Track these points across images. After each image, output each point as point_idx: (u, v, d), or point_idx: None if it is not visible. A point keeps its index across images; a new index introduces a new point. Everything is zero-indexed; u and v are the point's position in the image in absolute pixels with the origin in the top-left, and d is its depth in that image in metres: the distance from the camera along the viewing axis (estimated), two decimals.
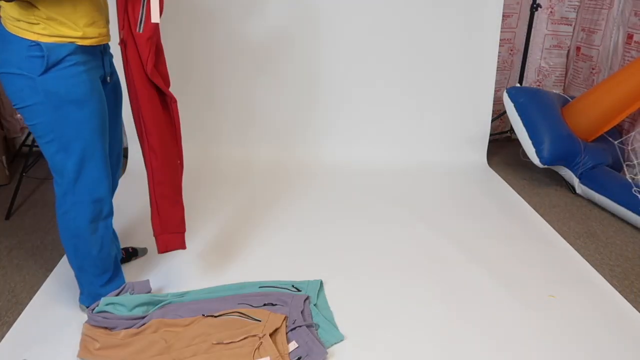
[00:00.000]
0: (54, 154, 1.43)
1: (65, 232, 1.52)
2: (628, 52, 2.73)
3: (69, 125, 1.38)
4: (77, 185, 1.46)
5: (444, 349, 1.49)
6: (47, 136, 1.40)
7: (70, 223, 1.50)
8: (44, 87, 1.32)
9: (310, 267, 1.89)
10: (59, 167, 1.45)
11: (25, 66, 1.30)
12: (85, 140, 1.42)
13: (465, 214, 2.32)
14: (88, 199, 1.48)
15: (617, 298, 1.74)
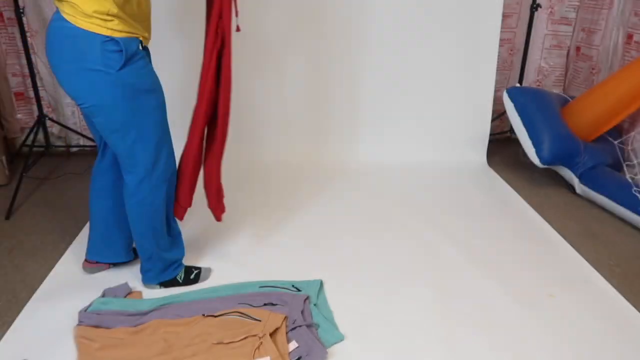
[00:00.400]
0: (132, 145, 1.48)
1: (142, 217, 1.60)
2: (628, 52, 2.73)
3: (145, 114, 1.46)
4: (154, 171, 1.54)
5: (443, 348, 1.49)
6: (124, 129, 1.45)
7: (149, 208, 1.58)
8: (122, 81, 1.37)
9: (310, 267, 1.89)
10: (137, 157, 1.51)
11: (104, 61, 1.33)
12: (159, 126, 1.52)
13: (465, 213, 2.32)
14: (163, 180, 1.58)
15: (617, 298, 1.74)
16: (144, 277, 1.76)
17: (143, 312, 1.59)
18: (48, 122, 2.95)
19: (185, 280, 1.79)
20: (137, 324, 1.54)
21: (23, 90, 3.01)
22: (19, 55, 2.90)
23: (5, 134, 3.00)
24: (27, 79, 2.93)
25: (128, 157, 1.51)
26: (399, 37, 2.75)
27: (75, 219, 2.30)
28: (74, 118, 3.04)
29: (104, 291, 1.71)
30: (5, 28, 2.84)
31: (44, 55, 2.89)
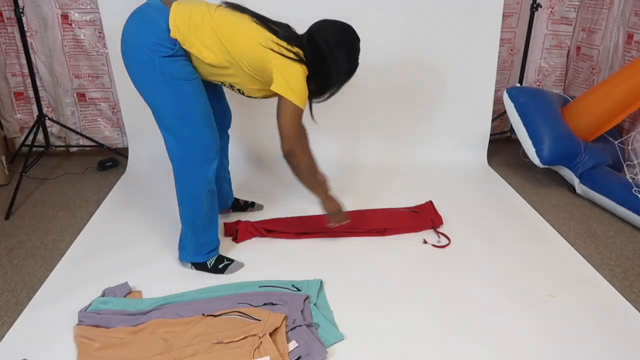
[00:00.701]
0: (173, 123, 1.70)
1: (184, 194, 1.77)
2: (628, 52, 2.73)
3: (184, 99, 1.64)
4: (194, 149, 1.70)
5: (443, 348, 1.49)
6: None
7: (189, 184, 1.75)
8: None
9: (310, 266, 1.89)
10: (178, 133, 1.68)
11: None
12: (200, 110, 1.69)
13: (465, 213, 2.32)
14: (204, 160, 1.72)
15: (617, 298, 1.74)
16: (180, 254, 1.89)
17: (143, 312, 1.59)
18: (48, 122, 2.95)
19: (213, 268, 1.85)
20: (136, 323, 1.54)
21: (23, 90, 3.01)
22: (19, 55, 2.90)
23: (5, 134, 3.00)
24: (27, 79, 2.93)
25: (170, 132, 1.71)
26: (399, 37, 2.75)
27: (75, 219, 2.29)
28: (73, 118, 3.05)
29: (103, 291, 1.71)
30: (4, 28, 2.83)
31: (43, 54, 2.89)
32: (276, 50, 1.62)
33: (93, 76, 2.96)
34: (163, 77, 1.59)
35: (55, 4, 2.76)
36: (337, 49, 1.71)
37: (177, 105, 1.64)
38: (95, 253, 1.99)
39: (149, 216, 2.27)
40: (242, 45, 1.62)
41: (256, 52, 1.62)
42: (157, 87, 1.62)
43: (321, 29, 1.72)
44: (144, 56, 1.57)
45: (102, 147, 2.99)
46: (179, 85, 1.61)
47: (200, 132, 1.69)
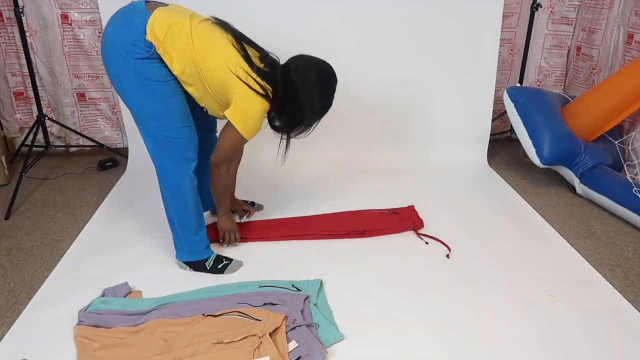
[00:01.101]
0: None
1: (168, 193, 1.78)
2: (628, 51, 2.73)
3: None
4: (172, 152, 1.72)
5: (443, 348, 1.49)
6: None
7: (172, 186, 1.76)
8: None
9: (310, 266, 1.89)
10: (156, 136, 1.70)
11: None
12: (176, 110, 1.69)
13: (465, 213, 2.32)
14: (181, 159, 1.73)
15: (617, 298, 1.74)
16: (176, 253, 1.89)
17: (142, 312, 1.59)
18: (47, 122, 2.95)
19: (212, 269, 1.86)
20: (136, 323, 1.54)
21: (22, 90, 3.01)
22: (19, 55, 2.90)
23: (5, 134, 3.00)
24: (27, 79, 2.93)
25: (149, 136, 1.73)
26: (399, 36, 2.75)
27: (75, 219, 2.29)
28: (73, 118, 3.05)
29: (103, 291, 1.71)
30: (4, 27, 2.83)
31: (43, 54, 2.89)
32: (242, 78, 1.62)
33: (93, 76, 2.96)
34: (138, 78, 1.60)
35: (55, 4, 2.76)
36: (312, 87, 1.70)
37: (152, 106, 1.64)
38: (95, 253, 1.99)
39: (148, 216, 2.27)
40: (210, 64, 1.62)
41: (221, 74, 1.62)
42: (133, 88, 1.62)
43: (299, 64, 1.71)
44: (120, 57, 1.58)
45: (102, 147, 2.99)
46: (153, 87, 1.62)
47: (177, 133, 1.69)
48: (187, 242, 1.85)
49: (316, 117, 1.78)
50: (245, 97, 1.64)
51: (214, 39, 1.64)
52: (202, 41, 1.62)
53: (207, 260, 1.86)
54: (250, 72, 1.63)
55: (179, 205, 1.79)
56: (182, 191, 1.77)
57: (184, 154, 1.73)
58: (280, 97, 1.70)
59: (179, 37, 1.59)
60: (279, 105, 1.71)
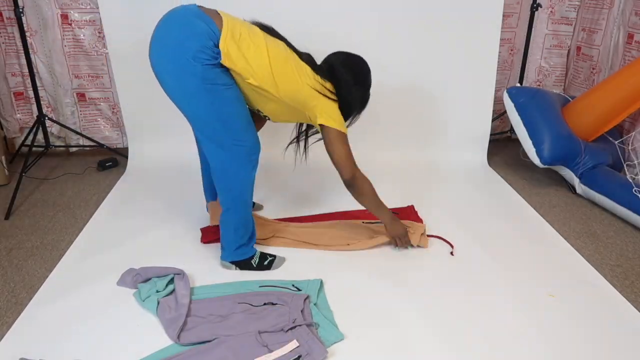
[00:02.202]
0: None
1: (231, 196, 1.76)
2: (628, 51, 2.73)
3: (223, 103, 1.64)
4: (239, 150, 1.70)
5: (443, 348, 1.49)
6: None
7: (236, 184, 1.75)
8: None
9: (311, 266, 1.89)
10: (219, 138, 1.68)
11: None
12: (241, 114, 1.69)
13: (465, 213, 2.32)
14: (248, 160, 1.73)
15: (618, 298, 1.74)
16: (222, 254, 1.89)
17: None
18: (47, 122, 2.95)
19: (259, 265, 1.87)
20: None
21: (22, 90, 3.01)
22: (19, 55, 2.90)
23: (5, 134, 3.00)
24: (27, 79, 2.94)
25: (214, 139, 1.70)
26: (399, 36, 2.75)
27: (75, 219, 2.29)
28: (73, 118, 3.05)
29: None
30: (4, 27, 2.83)
31: (43, 54, 2.89)
32: (319, 90, 1.72)
33: (93, 76, 2.96)
34: (204, 84, 1.56)
35: (55, 4, 2.76)
36: (354, 86, 1.83)
37: (219, 110, 1.61)
38: (95, 253, 1.99)
39: (149, 216, 2.27)
40: (291, 82, 1.68)
41: (303, 91, 1.70)
42: (197, 95, 1.58)
43: (340, 65, 1.82)
44: (186, 63, 1.53)
45: (102, 147, 2.99)
46: (219, 91, 1.59)
47: (243, 136, 1.69)
48: (237, 244, 1.84)
49: (359, 111, 1.92)
50: (328, 104, 1.75)
51: (287, 56, 1.69)
52: (280, 59, 1.66)
53: (253, 258, 1.87)
54: (323, 83, 1.75)
55: (240, 210, 1.79)
56: (244, 196, 1.78)
57: (251, 156, 1.73)
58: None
59: (254, 54, 1.61)
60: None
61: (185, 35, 1.55)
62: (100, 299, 1.70)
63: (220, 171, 1.73)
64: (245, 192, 1.78)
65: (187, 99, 1.62)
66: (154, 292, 1.68)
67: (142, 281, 1.75)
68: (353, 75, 1.82)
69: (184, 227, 2.16)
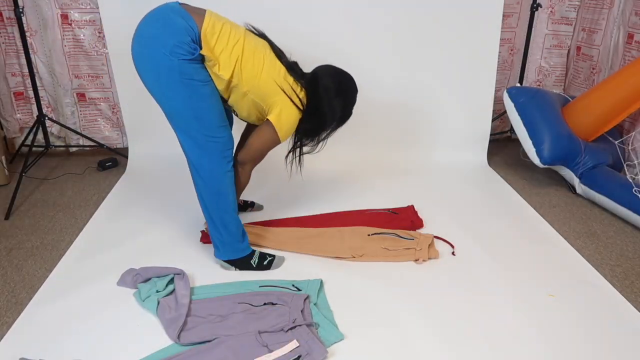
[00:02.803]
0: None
1: (209, 192, 1.76)
2: (628, 51, 2.73)
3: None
4: (215, 149, 1.72)
5: (443, 348, 1.49)
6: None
7: (214, 184, 1.75)
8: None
9: (310, 266, 1.89)
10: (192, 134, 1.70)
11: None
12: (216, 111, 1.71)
13: (465, 213, 2.32)
14: (222, 157, 1.74)
15: (618, 298, 1.74)
16: (215, 252, 1.88)
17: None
18: (48, 122, 2.95)
19: (258, 265, 1.87)
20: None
21: (22, 90, 3.01)
22: (19, 55, 2.90)
23: (5, 134, 3.00)
24: (27, 79, 2.93)
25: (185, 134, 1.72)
26: (399, 36, 2.75)
27: (75, 219, 2.29)
28: (73, 118, 3.05)
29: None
30: (4, 28, 2.83)
31: (43, 54, 2.89)
32: (287, 92, 1.74)
33: (93, 76, 2.96)
34: (180, 78, 1.59)
35: (55, 4, 2.76)
36: (335, 98, 1.82)
37: (194, 105, 1.64)
38: (95, 253, 1.99)
39: (149, 216, 2.27)
40: (257, 73, 1.70)
41: (267, 85, 1.71)
42: (174, 89, 1.61)
43: (324, 75, 1.83)
44: (162, 57, 1.57)
45: (102, 147, 2.99)
46: (195, 87, 1.62)
47: (217, 132, 1.70)
48: (229, 241, 1.84)
49: (336, 126, 1.91)
50: (285, 106, 1.74)
51: (262, 51, 1.73)
52: (251, 52, 1.69)
53: (252, 258, 1.87)
54: (294, 87, 1.76)
55: (221, 204, 1.79)
56: (223, 190, 1.78)
57: (224, 152, 1.74)
58: (307, 105, 1.80)
59: (229, 44, 1.65)
60: (304, 115, 1.81)
61: (162, 31, 1.59)
62: (100, 299, 1.70)
63: (196, 166, 1.74)
64: (224, 187, 1.77)
65: (165, 94, 1.64)
66: (154, 292, 1.68)
67: (142, 281, 1.75)
68: (336, 86, 1.82)
69: (184, 227, 2.16)
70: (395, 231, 2.07)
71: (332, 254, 1.96)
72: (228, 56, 1.65)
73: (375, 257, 1.95)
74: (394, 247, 1.98)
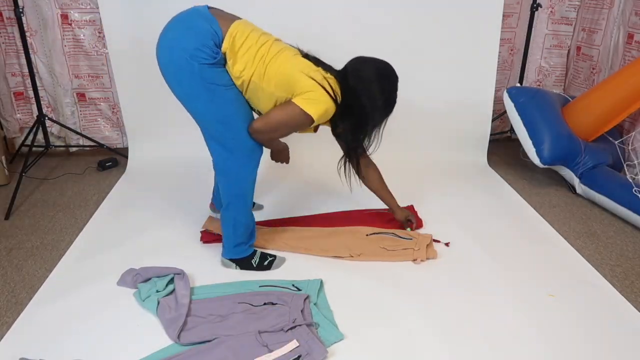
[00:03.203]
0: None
1: (232, 194, 1.77)
2: (628, 51, 2.73)
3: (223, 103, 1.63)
4: (240, 150, 1.70)
5: (443, 348, 1.49)
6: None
7: (235, 182, 1.75)
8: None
9: (310, 266, 1.89)
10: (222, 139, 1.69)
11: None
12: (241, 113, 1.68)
13: (465, 213, 2.32)
14: (247, 159, 1.73)
15: (618, 298, 1.74)
16: (223, 251, 1.89)
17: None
18: (47, 122, 2.95)
19: (259, 265, 1.87)
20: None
21: (22, 90, 3.01)
22: (19, 55, 2.90)
23: (5, 134, 3.00)
24: (27, 79, 2.93)
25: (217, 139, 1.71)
26: (399, 37, 2.75)
27: (75, 219, 2.29)
28: (73, 118, 3.04)
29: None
30: (4, 28, 2.83)
31: (43, 54, 2.89)
32: (318, 80, 1.60)
33: (93, 76, 2.96)
34: (202, 83, 1.57)
35: (55, 3, 2.76)
36: (372, 87, 1.69)
37: (218, 109, 1.63)
38: (95, 253, 1.99)
39: (149, 216, 2.27)
40: (281, 65, 1.61)
41: (293, 75, 1.60)
42: (197, 93, 1.60)
43: (358, 65, 1.72)
44: (183, 62, 1.55)
45: (102, 147, 2.99)
46: (218, 91, 1.60)
47: (244, 135, 1.68)
48: (236, 244, 1.85)
49: (381, 117, 1.76)
50: (317, 92, 1.60)
51: (290, 51, 1.67)
52: (277, 51, 1.63)
53: (253, 258, 1.88)
54: (327, 76, 1.64)
55: (240, 207, 1.79)
56: (245, 194, 1.79)
57: (252, 156, 1.73)
58: (343, 101, 1.68)
59: (255, 46, 1.60)
60: (341, 111, 1.68)
61: (184, 35, 1.56)
62: (100, 299, 1.70)
63: (222, 169, 1.75)
64: (246, 190, 1.79)
65: (188, 98, 1.63)
66: (154, 292, 1.68)
67: (142, 281, 1.75)
68: (372, 72, 1.70)
69: (184, 227, 2.16)
70: (394, 231, 2.07)
71: (331, 253, 1.96)
72: (252, 56, 1.60)
73: (373, 256, 1.94)
74: (392, 247, 1.98)
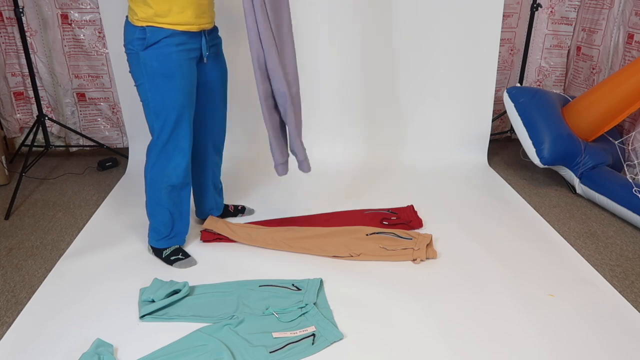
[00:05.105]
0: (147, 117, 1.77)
1: (147, 180, 1.84)
2: (629, 51, 2.73)
3: (159, 94, 1.69)
4: (166, 142, 1.76)
5: (443, 348, 1.49)
6: (143, 101, 1.74)
7: (155, 174, 1.80)
8: (144, 61, 1.65)
9: (310, 266, 1.89)
10: (152, 128, 1.77)
11: (135, 45, 1.65)
12: (176, 106, 1.72)
13: (465, 213, 2.32)
14: (173, 151, 1.78)
15: (617, 298, 1.74)
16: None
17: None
18: (47, 122, 2.95)
19: (165, 259, 1.92)
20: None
21: (22, 90, 3.01)
22: (19, 55, 2.90)
23: (5, 134, 3.00)
24: (27, 79, 2.94)
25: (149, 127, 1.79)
26: (399, 37, 2.75)
27: (75, 219, 2.29)
28: (73, 118, 3.05)
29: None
30: (4, 27, 2.84)
31: (43, 54, 2.89)
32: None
33: (93, 76, 2.96)
34: (146, 70, 1.66)
35: (55, 3, 2.76)
36: None
37: (153, 99, 1.70)
38: (95, 253, 1.99)
39: None
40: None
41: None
42: (140, 80, 1.70)
43: None
44: (130, 52, 1.67)
45: (102, 147, 2.99)
46: (156, 81, 1.67)
47: (169, 130, 1.74)
48: (150, 227, 1.93)
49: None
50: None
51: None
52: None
53: (165, 249, 1.92)
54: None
55: (149, 193, 1.86)
56: (155, 183, 1.83)
57: (166, 150, 1.78)
58: None
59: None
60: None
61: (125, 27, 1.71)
62: (100, 299, 1.71)
63: (147, 153, 1.83)
64: (156, 179, 1.81)
65: (137, 86, 1.73)
66: (149, 301, 1.65)
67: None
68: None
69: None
70: (394, 231, 2.07)
71: (331, 253, 1.96)
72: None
73: (373, 256, 1.94)
74: (392, 246, 1.98)
